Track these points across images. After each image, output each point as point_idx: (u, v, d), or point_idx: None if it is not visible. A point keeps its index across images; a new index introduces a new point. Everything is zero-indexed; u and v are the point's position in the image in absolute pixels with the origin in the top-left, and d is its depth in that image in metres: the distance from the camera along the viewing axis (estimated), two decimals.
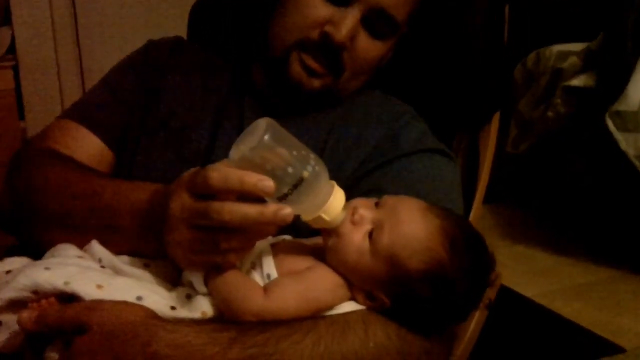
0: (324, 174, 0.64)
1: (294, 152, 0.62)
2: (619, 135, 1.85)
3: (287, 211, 0.62)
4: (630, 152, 1.85)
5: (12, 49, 1.95)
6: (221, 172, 0.62)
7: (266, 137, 0.61)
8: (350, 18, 0.86)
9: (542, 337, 1.77)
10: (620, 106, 1.84)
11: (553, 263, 2.18)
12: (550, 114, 2.17)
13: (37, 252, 0.76)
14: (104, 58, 2.00)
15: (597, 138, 1.96)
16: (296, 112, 0.92)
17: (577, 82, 2.09)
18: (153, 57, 1.02)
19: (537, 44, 2.34)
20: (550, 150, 2.31)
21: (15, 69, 1.95)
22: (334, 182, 0.66)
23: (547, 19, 2.43)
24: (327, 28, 0.87)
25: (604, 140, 1.89)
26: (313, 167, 0.63)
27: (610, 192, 2.12)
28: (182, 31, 1.24)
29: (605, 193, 2.13)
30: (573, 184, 2.26)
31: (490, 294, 0.72)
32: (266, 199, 0.62)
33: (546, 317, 1.87)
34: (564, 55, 2.20)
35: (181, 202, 0.65)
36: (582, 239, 2.25)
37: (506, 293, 0.75)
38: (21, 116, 1.96)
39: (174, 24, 1.28)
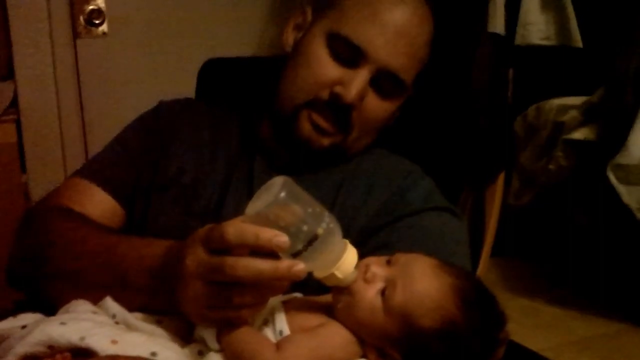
0: (338, 232, 0.65)
1: (309, 210, 0.64)
2: (621, 188, 1.86)
3: (300, 267, 0.63)
4: (633, 205, 1.86)
5: (14, 103, 1.98)
6: (237, 228, 0.63)
7: (282, 194, 0.62)
8: (359, 79, 0.89)
9: None
10: (622, 159, 1.86)
11: (559, 316, 2.16)
12: (551, 167, 2.19)
13: (47, 308, 0.76)
14: (106, 113, 2.04)
15: (599, 190, 1.97)
16: (305, 169, 0.93)
17: (577, 135, 2.11)
18: (164, 116, 1.04)
19: (537, 97, 2.38)
20: (553, 202, 2.31)
21: (18, 123, 1.97)
22: (347, 241, 0.67)
23: (547, 73, 2.48)
24: (337, 89, 0.89)
25: (606, 192, 1.91)
26: (327, 224, 0.64)
27: (615, 245, 2.11)
28: (187, 89, 1.28)
29: (611, 245, 2.13)
30: (577, 237, 2.26)
31: (499, 352, 0.72)
32: (280, 255, 0.63)
33: None
34: (564, 108, 2.23)
35: (196, 257, 0.65)
36: (588, 292, 2.23)
37: (513, 347, 0.74)
38: (23, 170, 1.97)
39: (177, 80, 1.31)
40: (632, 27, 2.01)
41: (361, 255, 0.69)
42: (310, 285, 0.69)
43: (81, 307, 0.72)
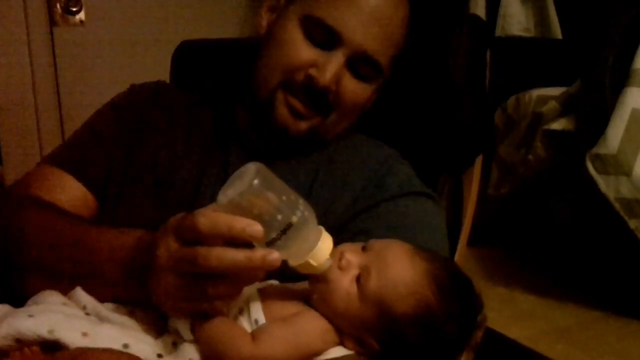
0: (313, 220, 0.64)
1: (283, 197, 0.62)
2: (599, 178, 1.88)
3: (275, 256, 0.61)
4: (611, 194, 1.88)
5: None
6: (209, 217, 0.61)
7: (255, 181, 0.61)
8: (334, 62, 0.88)
9: None
10: (600, 149, 1.88)
11: (537, 305, 2.18)
12: (531, 157, 2.21)
13: (16, 300, 0.73)
14: (84, 102, 1.99)
15: (578, 181, 1.99)
16: (281, 155, 0.92)
17: (556, 125, 2.13)
18: (136, 102, 1.02)
19: (517, 88, 2.39)
20: (533, 192, 2.33)
21: None
22: (322, 228, 0.66)
23: (526, 64, 2.49)
24: (312, 71, 0.88)
25: (585, 182, 1.92)
26: (302, 212, 0.63)
27: (593, 234, 2.14)
28: (164, 75, 1.25)
29: (588, 235, 2.15)
30: (556, 226, 2.28)
31: (477, 335, 0.72)
32: (254, 244, 0.62)
33: (531, 359, 1.86)
34: (544, 99, 2.25)
35: (167, 248, 0.64)
36: (566, 280, 2.26)
37: (491, 335, 0.75)
38: None
39: (155, 67, 1.29)
40: (610, 19, 2.02)
41: (339, 242, 0.68)
42: (287, 272, 0.68)
43: (51, 299, 0.71)
